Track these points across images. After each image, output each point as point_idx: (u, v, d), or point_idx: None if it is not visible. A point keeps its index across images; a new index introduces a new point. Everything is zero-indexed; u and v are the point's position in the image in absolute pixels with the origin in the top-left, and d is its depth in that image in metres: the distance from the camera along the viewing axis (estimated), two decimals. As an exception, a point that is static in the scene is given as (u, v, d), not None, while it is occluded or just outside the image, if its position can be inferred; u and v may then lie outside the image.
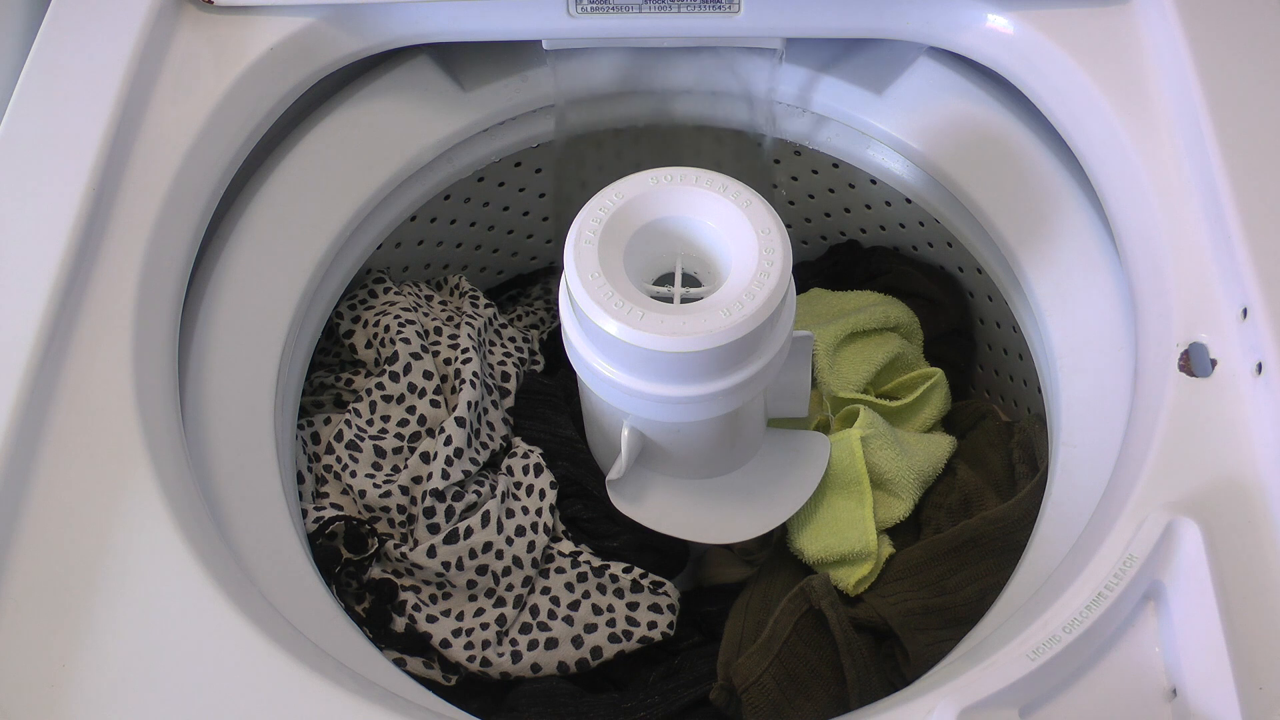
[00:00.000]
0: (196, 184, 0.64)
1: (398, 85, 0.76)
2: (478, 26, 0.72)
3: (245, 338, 0.65)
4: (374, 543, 0.67)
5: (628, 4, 0.70)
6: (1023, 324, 0.72)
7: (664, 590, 0.69)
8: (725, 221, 0.59)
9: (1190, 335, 0.56)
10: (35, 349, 0.54)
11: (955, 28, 0.70)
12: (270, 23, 0.68)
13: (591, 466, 0.72)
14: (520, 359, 0.79)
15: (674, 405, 0.59)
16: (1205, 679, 0.46)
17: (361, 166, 0.74)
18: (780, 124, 0.81)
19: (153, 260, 0.59)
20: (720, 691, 0.63)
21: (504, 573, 0.67)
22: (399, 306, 0.75)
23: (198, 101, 0.65)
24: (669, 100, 0.81)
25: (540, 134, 0.81)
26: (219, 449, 0.60)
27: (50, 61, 0.64)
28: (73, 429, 0.53)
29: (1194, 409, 0.54)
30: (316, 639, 0.52)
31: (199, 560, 0.50)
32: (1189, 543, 0.49)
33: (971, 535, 0.67)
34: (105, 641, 0.48)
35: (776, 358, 0.60)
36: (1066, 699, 0.47)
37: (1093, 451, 0.60)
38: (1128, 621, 0.49)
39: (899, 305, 0.79)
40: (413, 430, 0.71)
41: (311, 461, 0.70)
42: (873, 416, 0.70)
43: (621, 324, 0.55)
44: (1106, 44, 0.66)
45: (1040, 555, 0.58)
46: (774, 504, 0.68)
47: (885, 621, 0.65)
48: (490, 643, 0.66)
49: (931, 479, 0.72)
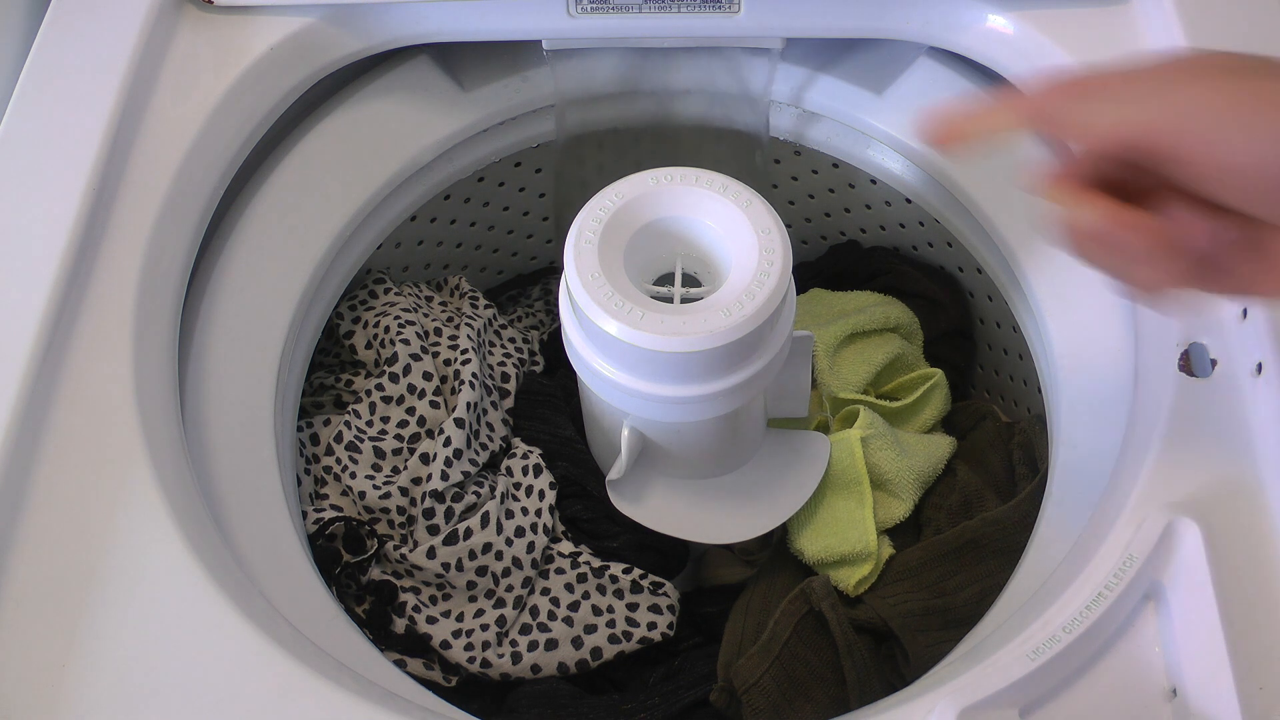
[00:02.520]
0: (196, 184, 0.63)
1: (398, 85, 0.76)
2: (478, 26, 0.72)
3: (245, 338, 0.65)
4: (373, 544, 0.67)
5: (628, 4, 0.70)
6: (1023, 324, 0.72)
7: (664, 591, 0.69)
8: (725, 221, 0.59)
9: (1190, 335, 0.56)
10: (35, 349, 0.53)
11: (955, 27, 0.70)
12: (270, 23, 0.68)
13: (591, 467, 0.72)
14: (520, 360, 0.79)
15: (674, 405, 0.59)
16: (1205, 679, 0.46)
17: (361, 166, 0.74)
18: (780, 124, 0.81)
19: (153, 260, 0.59)
20: (720, 693, 0.63)
21: (504, 574, 0.67)
22: (399, 307, 0.75)
23: (198, 101, 0.65)
24: (669, 100, 0.81)
25: (540, 134, 0.81)
26: (219, 449, 0.60)
27: (50, 61, 0.64)
28: (73, 429, 0.53)
29: (1194, 409, 0.54)
30: (316, 639, 0.52)
31: (199, 560, 0.50)
32: (1189, 543, 0.49)
33: (972, 537, 0.67)
34: (105, 641, 0.48)
35: (776, 358, 0.60)
36: (1066, 699, 0.47)
37: (1093, 451, 0.60)
38: (1128, 621, 0.49)
39: (899, 306, 0.79)
40: (412, 431, 0.71)
41: (311, 463, 0.70)
42: (873, 417, 0.70)
43: (621, 324, 0.55)
44: (1106, 44, 0.66)
45: (1040, 555, 0.58)
46: (774, 504, 0.68)
47: (885, 623, 0.65)
48: (490, 644, 0.66)
49: (931, 479, 0.72)
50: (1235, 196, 0.39)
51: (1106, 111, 0.41)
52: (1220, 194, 0.39)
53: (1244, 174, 0.38)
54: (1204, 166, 0.39)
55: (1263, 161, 0.37)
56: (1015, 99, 0.44)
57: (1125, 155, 0.41)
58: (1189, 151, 0.39)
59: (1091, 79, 0.42)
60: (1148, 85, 0.40)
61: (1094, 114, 0.41)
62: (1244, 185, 0.39)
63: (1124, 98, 0.40)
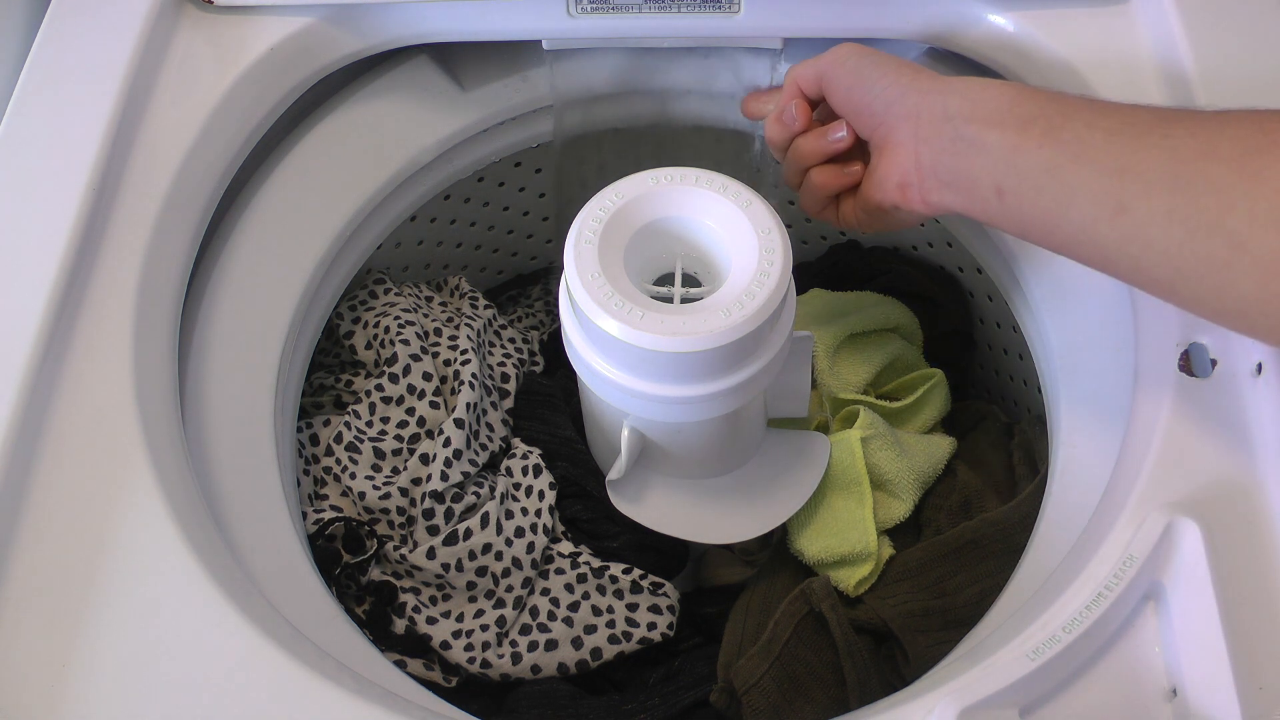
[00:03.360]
0: (196, 184, 0.63)
1: (398, 85, 0.76)
2: (478, 26, 0.72)
3: (245, 338, 0.65)
4: (373, 544, 0.67)
5: (628, 4, 0.70)
6: (1023, 324, 0.72)
7: (664, 591, 0.69)
8: (725, 221, 0.59)
9: (1190, 335, 0.56)
10: (35, 349, 0.53)
11: (955, 27, 0.70)
12: (270, 23, 0.68)
13: (591, 467, 0.72)
14: (520, 360, 0.79)
15: (674, 405, 0.59)
16: (1205, 679, 0.46)
17: (361, 166, 0.73)
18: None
19: (153, 260, 0.59)
20: (720, 693, 0.63)
21: (503, 574, 0.67)
22: (399, 308, 0.75)
23: (198, 101, 0.65)
24: (669, 100, 0.81)
25: (540, 134, 0.81)
26: (219, 449, 0.60)
27: (50, 61, 0.64)
28: (73, 429, 0.53)
29: (1194, 409, 0.54)
30: (316, 640, 0.52)
31: (199, 560, 0.50)
32: (1189, 543, 0.49)
33: (971, 537, 0.67)
34: (105, 641, 0.48)
35: (776, 358, 0.60)
36: (1066, 699, 0.47)
37: (1093, 451, 0.60)
38: (1128, 621, 0.49)
39: (899, 306, 0.79)
40: (412, 432, 0.71)
41: (310, 463, 0.70)
42: (873, 417, 0.70)
43: (621, 324, 0.55)
44: (1106, 44, 0.66)
45: (1040, 555, 0.58)
46: (774, 504, 0.68)
47: (885, 623, 0.65)
48: (490, 644, 0.66)
49: (931, 480, 0.72)
50: (855, 121, 0.60)
51: (806, 64, 0.62)
52: (848, 117, 0.60)
53: (858, 111, 0.59)
54: (837, 99, 0.60)
55: (867, 100, 0.58)
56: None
57: (809, 90, 0.62)
58: (830, 88, 0.60)
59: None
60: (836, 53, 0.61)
61: (800, 68, 0.63)
62: (856, 115, 0.59)
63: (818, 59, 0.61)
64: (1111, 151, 0.48)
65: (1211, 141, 0.45)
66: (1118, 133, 0.48)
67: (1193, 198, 0.45)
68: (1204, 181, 0.45)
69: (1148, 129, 0.48)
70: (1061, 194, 0.50)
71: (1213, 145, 0.45)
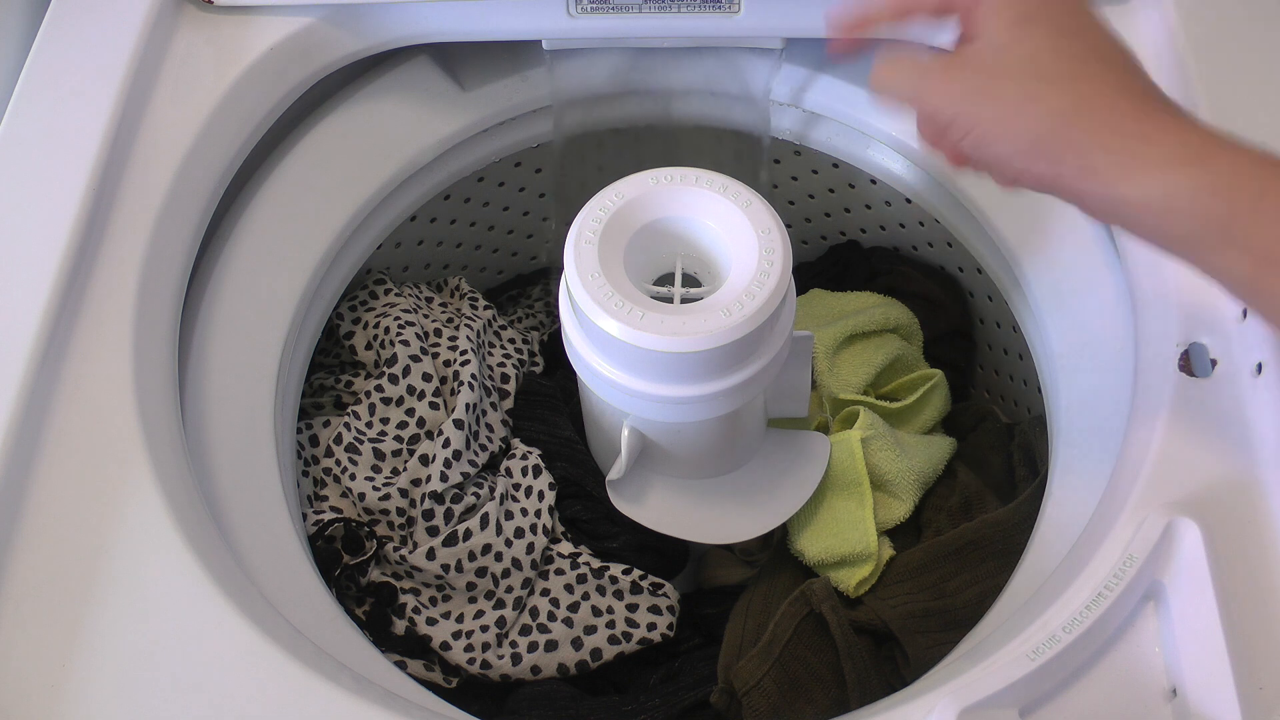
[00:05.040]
0: (196, 184, 0.63)
1: (398, 85, 0.76)
2: (478, 26, 0.72)
3: (245, 338, 0.65)
4: (373, 545, 0.67)
5: (628, 4, 0.70)
6: (1023, 324, 0.72)
7: (664, 592, 0.69)
8: (725, 221, 0.59)
9: (1190, 335, 0.56)
10: (35, 349, 0.53)
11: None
12: (270, 23, 0.68)
13: (591, 467, 0.72)
14: (520, 360, 0.79)
15: (674, 405, 0.59)
16: (1205, 679, 0.46)
17: (361, 166, 0.73)
18: (780, 124, 0.81)
19: (153, 260, 0.59)
20: (721, 694, 0.63)
21: (503, 575, 0.67)
22: (399, 308, 0.75)
23: (198, 101, 0.65)
24: (669, 100, 0.81)
25: (540, 134, 0.81)
26: (219, 449, 0.60)
27: (50, 61, 0.64)
28: (73, 429, 0.53)
29: (1194, 409, 0.54)
30: (316, 640, 0.52)
31: (199, 560, 0.50)
32: (1189, 543, 0.49)
33: (972, 538, 0.67)
34: (105, 641, 0.48)
35: (776, 358, 0.60)
36: (1066, 699, 0.47)
37: (1093, 451, 0.60)
38: (1127, 621, 0.49)
39: (899, 306, 0.79)
40: (412, 433, 0.71)
41: (310, 464, 0.70)
42: (873, 418, 0.70)
43: (621, 324, 0.55)
44: (1106, 44, 0.66)
45: (1040, 555, 0.58)
46: (774, 504, 0.68)
47: (885, 624, 0.65)
48: (490, 645, 0.66)
49: (931, 480, 0.72)
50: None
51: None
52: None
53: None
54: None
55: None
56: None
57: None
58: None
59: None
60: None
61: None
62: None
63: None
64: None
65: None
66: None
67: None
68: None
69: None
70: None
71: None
